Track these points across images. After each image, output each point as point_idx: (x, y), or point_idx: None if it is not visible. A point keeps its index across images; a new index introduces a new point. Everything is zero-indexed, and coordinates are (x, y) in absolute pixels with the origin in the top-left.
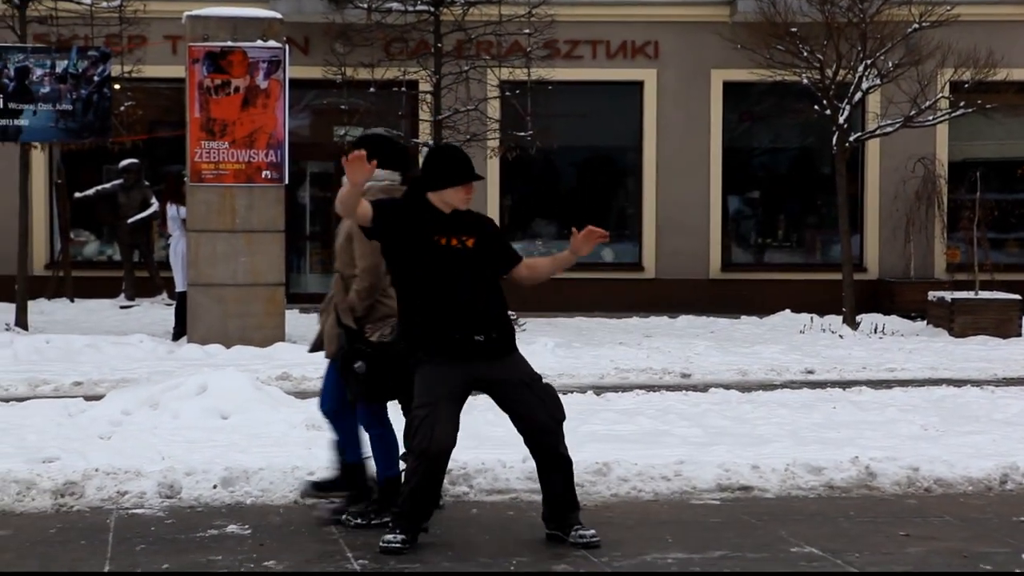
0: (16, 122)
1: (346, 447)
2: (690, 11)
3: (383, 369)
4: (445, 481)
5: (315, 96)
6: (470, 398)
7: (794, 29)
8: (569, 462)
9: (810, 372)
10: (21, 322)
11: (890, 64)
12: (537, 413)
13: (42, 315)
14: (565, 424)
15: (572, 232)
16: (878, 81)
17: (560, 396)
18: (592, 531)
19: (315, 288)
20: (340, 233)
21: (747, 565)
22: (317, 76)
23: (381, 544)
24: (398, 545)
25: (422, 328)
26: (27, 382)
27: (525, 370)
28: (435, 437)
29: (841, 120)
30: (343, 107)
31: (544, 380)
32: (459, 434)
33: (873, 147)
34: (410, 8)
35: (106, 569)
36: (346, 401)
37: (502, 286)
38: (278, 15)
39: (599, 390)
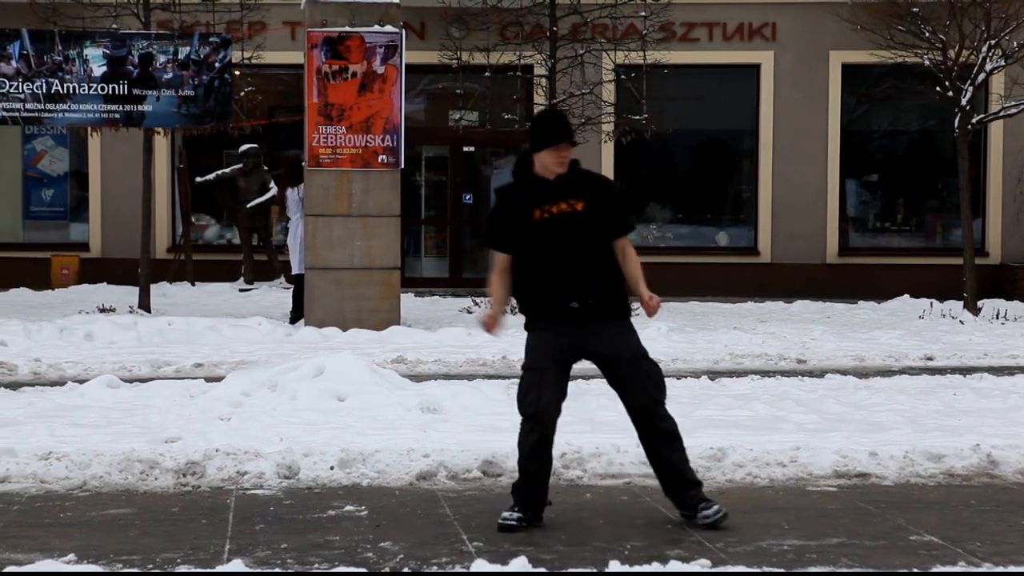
0: (140, 108)
1: None
2: None
3: None
4: (558, 464)
5: (431, 80)
6: (584, 383)
7: (915, 9)
8: (673, 434)
9: (930, 358)
10: (144, 304)
11: (1015, 44)
12: (636, 392)
13: (164, 298)
14: (679, 408)
15: (645, 300)
16: (1003, 62)
17: (667, 378)
18: (715, 507)
19: (430, 272)
20: None
21: (865, 553)
22: (433, 61)
23: (499, 521)
24: (514, 523)
25: (524, 296)
26: (150, 363)
27: (631, 346)
28: (542, 400)
29: (964, 102)
30: (458, 91)
31: (650, 357)
32: (571, 418)
33: (996, 129)
34: None
35: (227, 548)
36: None
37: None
38: (395, 0)
39: (713, 375)
